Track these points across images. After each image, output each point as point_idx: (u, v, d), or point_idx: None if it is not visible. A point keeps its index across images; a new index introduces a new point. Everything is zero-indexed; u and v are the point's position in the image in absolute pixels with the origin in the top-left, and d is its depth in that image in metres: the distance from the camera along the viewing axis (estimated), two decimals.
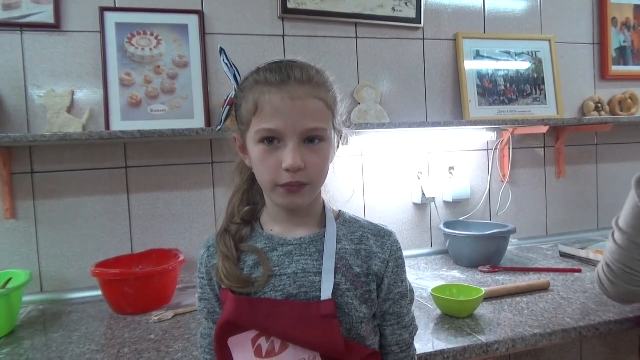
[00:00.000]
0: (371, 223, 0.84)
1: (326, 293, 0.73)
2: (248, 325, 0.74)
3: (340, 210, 0.86)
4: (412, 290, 0.86)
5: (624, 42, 2.09)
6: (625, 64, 2.10)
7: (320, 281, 0.74)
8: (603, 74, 2.08)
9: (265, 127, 0.72)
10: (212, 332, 0.82)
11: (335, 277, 0.75)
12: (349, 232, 0.81)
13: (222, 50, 0.82)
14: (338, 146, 0.82)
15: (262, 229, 0.82)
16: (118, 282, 1.29)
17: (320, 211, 0.83)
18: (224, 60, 0.81)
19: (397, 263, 0.81)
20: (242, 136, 0.79)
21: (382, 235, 0.82)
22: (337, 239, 0.79)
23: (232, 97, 0.80)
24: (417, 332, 0.85)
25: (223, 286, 0.77)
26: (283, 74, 0.73)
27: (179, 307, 1.32)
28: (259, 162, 0.74)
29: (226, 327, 0.75)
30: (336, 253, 0.77)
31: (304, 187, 0.74)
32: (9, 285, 1.22)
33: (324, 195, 0.84)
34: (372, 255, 0.79)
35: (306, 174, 0.73)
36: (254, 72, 0.76)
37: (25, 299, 1.35)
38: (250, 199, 0.85)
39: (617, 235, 1.04)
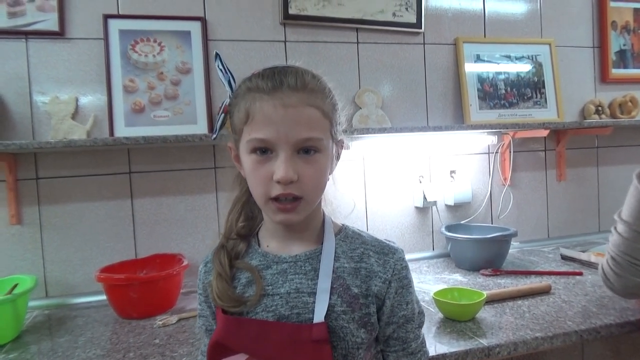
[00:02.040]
0: (376, 239, 0.79)
1: (319, 315, 0.68)
2: (236, 347, 0.70)
3: (343, 225, 0.81)
4: (421, 313, 0.80)
5: (624, 45, 2.10)
6: (625, 67, 2.11)
7: (314, 302, 0.69)
8: (603, 77, 2.09)
9: (256, 137, 0.68)
10: None
11: (330, 298, 0.70)
12: (349, 249, 0.76)
13: (217, 55, 0.79)
14: (338, 157, 0.78)
15: (259, 244, 0.78)
16: (123, 287, 1.30)
17: (319, 225, 0.78)
18: (218, 66, 0.78)
19: (402, 283, 0.75)
20: (236, 145, 0.75)
21: (385, 252, 0.76)
22: (335, 256, 0.74)
23: (227, 104, 0.76)
24: None
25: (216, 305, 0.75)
26: (275, 80, 0.69)
27: (182, 312, 1.34)
28: (251, 172, 0.71)
29: (216, 348, 0.71)
30: (333, 272, 0.72)
31: (298, 203, 0.69)
32: (15, 291, 1.23)
33: (324, 208, 0.80)
34: (372, 274, 0.74)
35: (299, 187, 0.68)
36: (247, 79, 0.72)
37: (31, 304, 1.36)
38: (248, 212, 0.81)
39: (620, 227, 1.05)
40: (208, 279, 0.77)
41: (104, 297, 1.36)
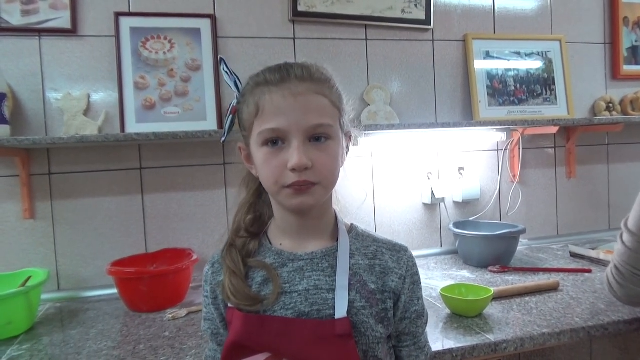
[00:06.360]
0: (385, 238, 0.81)
1: (341, 311, 0.69)
2: (258, 346, 0.69)
3: (352, 224, 0.82)
4: (426, 309, 0.83)
5: (636, 41, 2.08)
6: (637, 63, 2.09)
7: (334, 298, 0.70)
8: (614, 73, 2.07)
9: (267, 128, 0.69)
10: (216, 354, 0.79)
11: (349, 294, 0.70)
12: (363, 247, 0.77)
13: (221, 60, 0.81)
14: (348, 150, 0.79)
15: (271, 243, 0.78)
16: (133, 281, 1.32)
17: (331, 223, 0.79)
18: (223, 69, 0.79)
19: (414, 279, 0.78)
20: (246, 143, 0.75)
21: (397, 250, 0.79)
22: (350, 253, 0.75)
23: (235, 105, 0.77)
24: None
25: (230, 304, 0.73)
26: (282, 72, 0.70)
27: (192, 305, 1.35)
28: (263, 164, 0.70)
29: (234, 350, 0.70)
30: (350, 268, 0.73)
31: (313, 186, 0.69)
32: (29, 284, 1.26)
33: (335, 207, 0.81)
34: (388, 270, 0.75)
35: (314, 173, 0.68)
36: (254, 76, 0.74)
37: (43, 297, 1.38)
38: (257, 212, 0.81)
39: (626, 237, 1.04)
40: (217, 280, 0.76)
41: (114, 290, 1.38)
